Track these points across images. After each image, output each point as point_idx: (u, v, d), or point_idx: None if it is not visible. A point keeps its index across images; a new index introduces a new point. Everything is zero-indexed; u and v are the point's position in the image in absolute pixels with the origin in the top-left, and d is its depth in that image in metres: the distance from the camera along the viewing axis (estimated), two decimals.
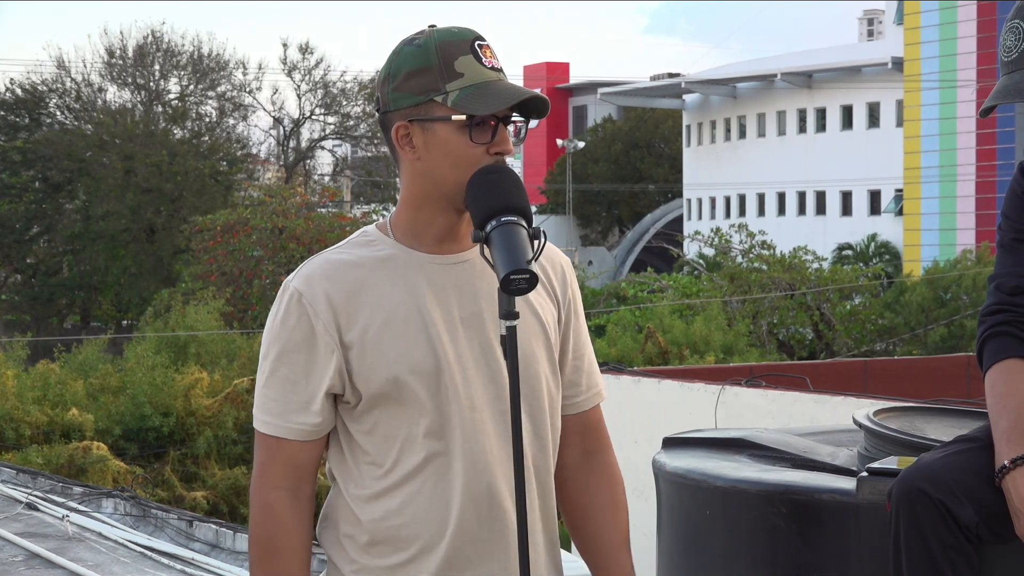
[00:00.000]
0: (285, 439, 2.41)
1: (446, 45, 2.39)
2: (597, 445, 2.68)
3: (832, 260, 41.22)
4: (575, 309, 2.62)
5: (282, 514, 2.41)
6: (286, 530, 2.41)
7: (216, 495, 19.74)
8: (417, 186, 2.43)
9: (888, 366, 17.91)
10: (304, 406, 2.41)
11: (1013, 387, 2.79)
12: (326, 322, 2.39)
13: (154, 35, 44.73)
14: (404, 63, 2.40)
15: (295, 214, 32.42)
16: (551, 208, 64.35)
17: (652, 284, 33.91)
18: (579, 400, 2.64)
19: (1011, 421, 2.73)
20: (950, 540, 2.72)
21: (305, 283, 2.41)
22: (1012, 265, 2.92)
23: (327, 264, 2.43)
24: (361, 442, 2.43)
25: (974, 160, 45.32)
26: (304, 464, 2.43)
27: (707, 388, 11.82)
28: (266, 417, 2.43)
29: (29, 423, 19.58)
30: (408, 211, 2.46)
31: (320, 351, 2.39)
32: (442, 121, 2.37)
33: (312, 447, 2.43)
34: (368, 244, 2.46)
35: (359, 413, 2.42)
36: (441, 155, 2.38)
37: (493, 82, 2.39)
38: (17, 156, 42.11)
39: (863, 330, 30.50)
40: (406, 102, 2.39)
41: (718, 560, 3.45)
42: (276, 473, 2.42)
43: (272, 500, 2.41)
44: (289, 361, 2.41)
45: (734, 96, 56.80)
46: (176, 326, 24.60)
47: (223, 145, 44.93)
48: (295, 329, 2.40)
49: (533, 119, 2.46)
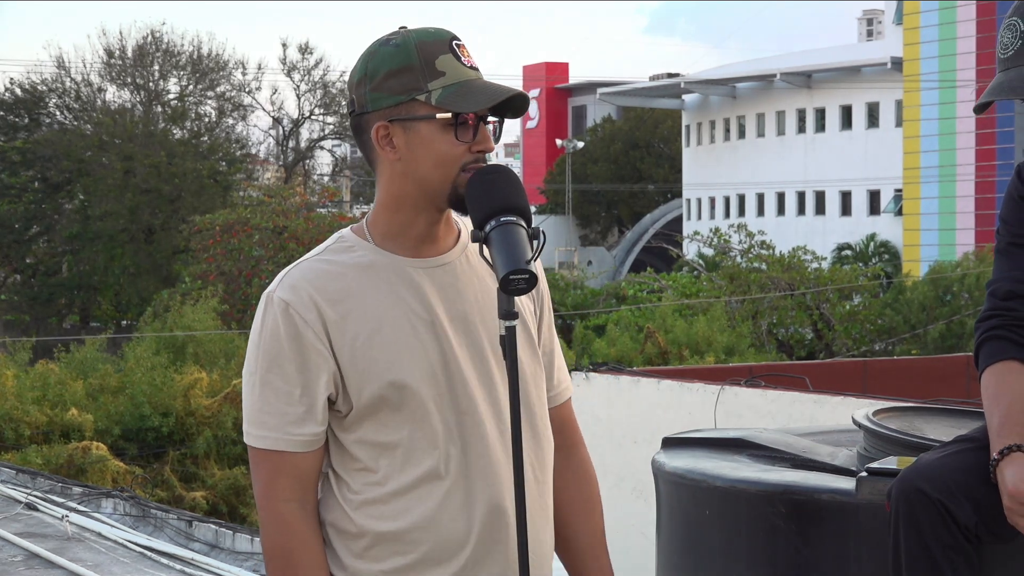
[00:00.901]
0: (287, 452, 2.38)
1: (425, 44, 2.37)
2: (570, 440, 2.66)
3: (831, 260, 41.22)
4: (546, 303, 2.60)
5: (297, 527, 2.38)
6: (303, 542, 2.38)
7: (216, 495, 19.73)
8: (396, 187, 2.40)
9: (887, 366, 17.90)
10: (302, 416, 2.37)
11: (1005, 387, 2.83)
12: (316, 331, 2.35)
13: (154, 35, 44.76)
14: (382, 63, 2.37)
15: (295, 214, 32.44)
16: (551, 208, 64.35)
17: (652, 284, 33.90)
18: (552, 395, 2.62)
19: (1002, 417, 2.77)
20: (949, 540, 2.72)
21: (291, 292, 2.37)
22: (1007, 270, 2.97)
23: (311, 273, 2.39)
24: (352, 450, 2.41)
25: (973, 160, 45.33)
26: (309, 474, 2.41)
27: (706, 388, 11.82)
28: (262, 432, 2.39)
29: (29, 423, 19.57)
30: (387, 213, 2.43)
31: (312, 360, 2.36)
32: (425, 120, 2.35)
33: (315, 456, 2.41)
34: (347, 250, 2.42)
35: (349, 422, 2.40)
36: (424, 154, 2.36)
37: (474, 80, 2.38)
38: (16, 156, 42.11)
39: (862, 330, 30.50)
40: (386, 102, 2.36)
41: (717, 560, 3.45)
42: (284, 487, 2.38)
43: (284, 513, 2.38)
44: (281, 373, 2.36)
45: (733, 96, 56.80)
46: (174, 326, 24.59)
47: (222, 145, 44.93)
48: (285, 339, 2.35)
49: (509, 117, 2.44)
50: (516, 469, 2.26)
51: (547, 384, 2.60)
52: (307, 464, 2.39)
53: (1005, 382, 2.84)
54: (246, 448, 2.43)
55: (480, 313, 2.43)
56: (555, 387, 2.63)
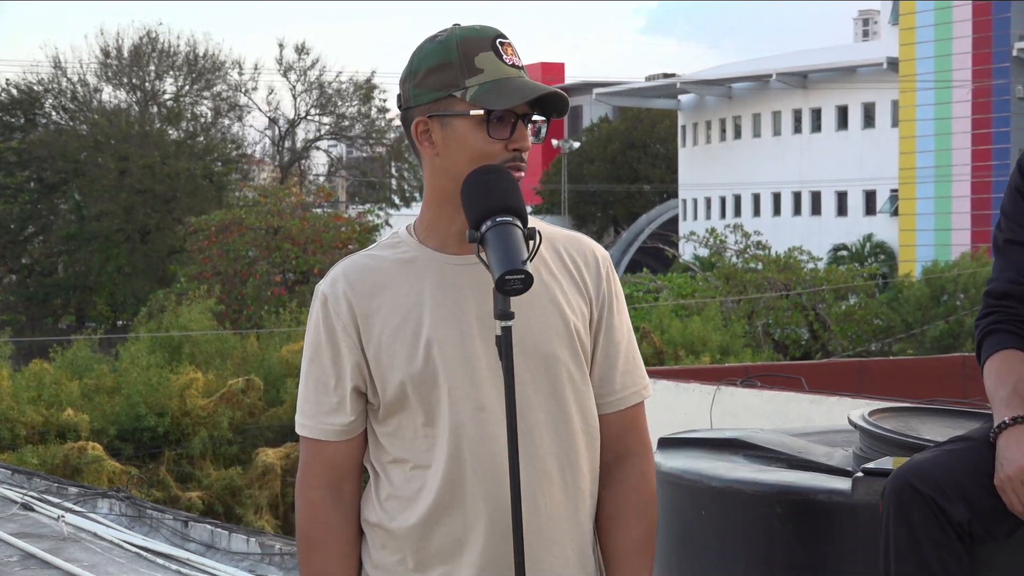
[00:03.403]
0: (321, 440, 2.45)
1: (467, 42, 2.39)
2: (631, 449, 2.58)
3: (827, 260, 41.25)
4: (610, 304, 2.54)
5: (323, 512, 2.45)
6: (327, 527, 2.45)
7: (211, 495, 19.72)
8: (437, 183, 2.43)
9: (884, 366, 17.92)
10: (335, 407, 2.44)
11: (1008, 368, 2.90)
12: (346, 323, 2.42)
13: (150, 35, 44.74)
14: (425, 59, 2.41)
15: (290, 214, 32.42)
16: (547, 208, 64.36)
17: (648, 284, 33.89)
18: (612, 400, 2.56)
19: (1008, 391, 2.83)
20: (941, 538, 2.73)
21: (329, 286, 2.45)
22: (1001, 271, 3.03)
23: (350, 267, 2.46)
24: (384, 443, 2.46)
25: (969, 160, 45.35)
26: (342, 463, 2.47)
27: (703, 388, 11.83)
28: (302, 419, 2.48)
29: (24, 423, 19.58)
30: (430, 209, 2.46)
31: (343, 352, 2.43)
32: (460, 116, 2.37)
33: (349, 446, 2.46)
34: (395, 246, 2.48)
35: (381, 416, 2.45)
36: (458, 150, 2.38)
37: (512, 78, 2.39)
38: (12, 156, 42.10)
39: (858, 330, 30.52)
40: (426, 98, 2.39)
41: (713, 560, 3.45)
42: (315, 473, 2.46)
43: (314, 500, 2.45)
44: (319, 363, 2.45)
45: (729, 96, 56.82)
46: (170, 326, 24.58)
47: (218, 145, 44.90)
48: (321, 332, 2.44)
49: (553, 117, 2.46)
50: (512, 470, 2.26)
51: (605, 387, 2.54)
52: (340, 453, 2.46)
53: (1009, 365, 2.90)
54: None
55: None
56: (616, 391, 2.55)
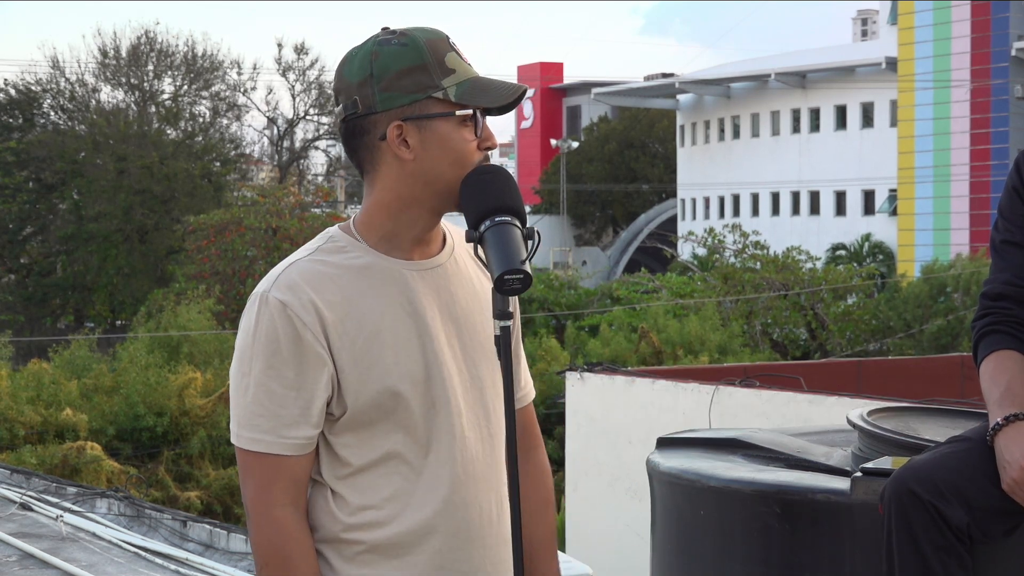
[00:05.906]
0: (282, 455, 2.33)
1: (433, 43, 2.36)
2: (531, 443, 2.65)
3: (826, 260, 41.26)
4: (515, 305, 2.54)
5: (294, 532, 2.34)
6: (301, 548, 2.34)
7: (210, 495, 19.74)
8: (405, 188, 2.37)
9: (882, 366, 17.92)
10: (297, 419, 2.33)
11: (1003, 368, 2.95)
12: (315, 332, 2.31)
13: (148, 35, 44.72)
14: (392, 62, 2.34)
15: (289, 214, 32.45)
16: (545, 208, 64.36)
17: (646, 285, 33.88)
18: (520, 396, 2.61)
19: (1002, 391, 2.88)
20: (941, 542, 2.74)
21: (289, 293, 2.32)
22: (997, 271, 3.07)
23: (308, 274, 2.34)
24: (342, 454, 2.38)
25: (968, 160, 45.36)
26: (302, 478, 2.36)
27: (701, 388, 11.83)
28: (256, 435, 2.33)
29: (23, 423, 19.57)
30: (387, 215, 2.39)
31: (311, 362, 2.32)
32: (443, 117, 2.34)
33: (309, 459, 2.37)
34: (340, 251, 2.38)
35: (341, 426, 2.36)
36: (439, 152, 2.34)
37: (482, 77, 2.39)
38: (11, 156, 42.09)
39: (857, 330, 30.52)
40: (400, 101, 2.33)
41: (712, 560, 3.45)
42: (280, 490, 2.34)
43: (281, 518, 2.33)
44: (277, 375, 2.32)
45: (728, 96, 56.83)
46: (168, 326, 24.58)
47: (217, 145, 44.89)
48: (283, 341, 2.31)
49: (501, 113, 2.43)
50: (511, 470, 2.26)
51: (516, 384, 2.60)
52: (301, 468, 2.35)
53: (1004, 365, 2.95)
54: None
55: (469, 316, 2.43)
56: (523, 387, 2.62)
